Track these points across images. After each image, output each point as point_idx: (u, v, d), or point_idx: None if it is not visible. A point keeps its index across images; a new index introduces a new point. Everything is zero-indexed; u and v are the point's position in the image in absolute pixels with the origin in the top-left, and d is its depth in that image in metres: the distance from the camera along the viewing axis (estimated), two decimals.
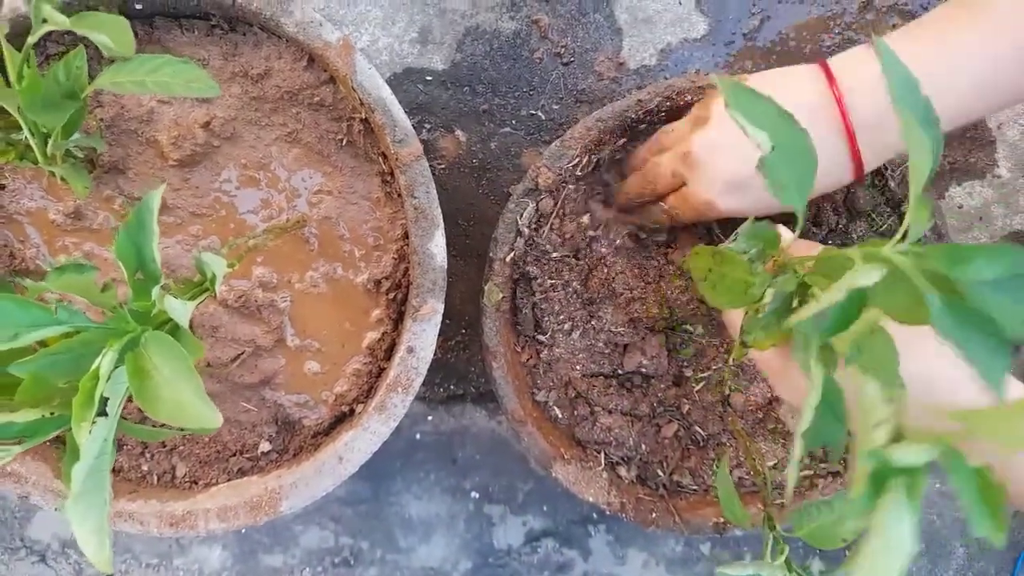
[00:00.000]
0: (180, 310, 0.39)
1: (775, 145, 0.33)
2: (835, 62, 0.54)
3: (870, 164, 0.54)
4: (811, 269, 0.39)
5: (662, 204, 0.62)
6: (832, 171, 0.55)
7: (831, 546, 0.54)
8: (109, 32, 0.37)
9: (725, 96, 0.34)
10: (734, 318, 0.52)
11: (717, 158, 0.55)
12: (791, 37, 0.84)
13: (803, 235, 0.68)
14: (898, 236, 0.32)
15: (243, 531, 0.87)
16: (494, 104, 0.85)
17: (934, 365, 0.42)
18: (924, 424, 0.31)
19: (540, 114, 0.85)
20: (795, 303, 0.40)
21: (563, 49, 0.84)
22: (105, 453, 0.36)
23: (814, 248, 0.47)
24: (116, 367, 0.35)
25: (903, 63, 0.34)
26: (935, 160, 0.33)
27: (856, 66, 0.53)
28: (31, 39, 0.41)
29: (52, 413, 0.36)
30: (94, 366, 0.34)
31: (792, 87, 0.54)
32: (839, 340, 0.34)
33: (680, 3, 0.84)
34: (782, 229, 0.55)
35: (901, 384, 0.33)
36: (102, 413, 0.34)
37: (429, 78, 0.84)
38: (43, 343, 0.38)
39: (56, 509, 0.60)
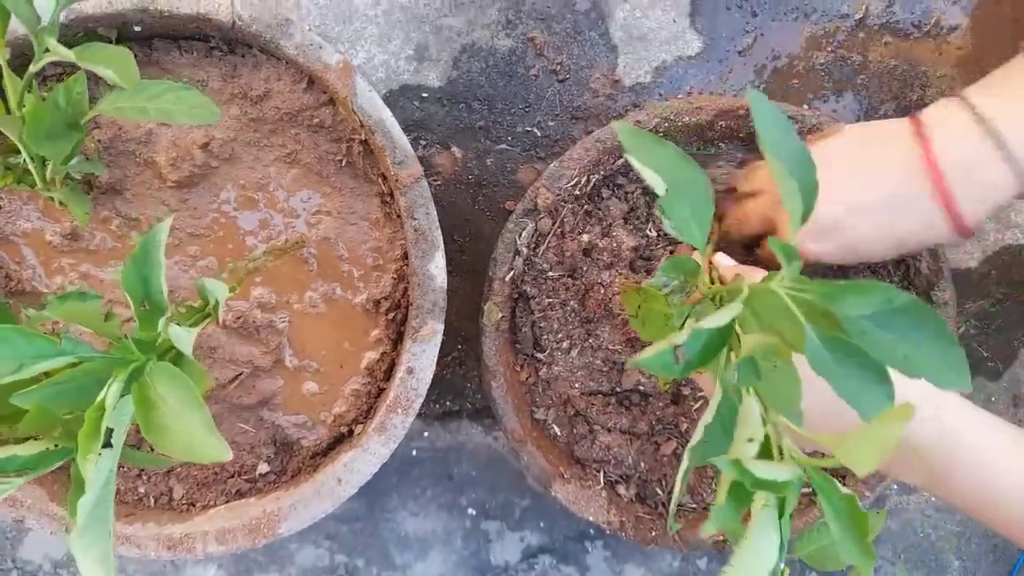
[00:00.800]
0: (184, 338, 0.38)
1: (669, 186, 0.34)
2: (925, 116, 0.54)
3: (971, 218, 0.54)
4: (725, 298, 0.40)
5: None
6: (926, 228, 0.54)
7: (832, 568, 0.55)
8: (114, 66, 0.37)
9: (622, 141, 0.35)
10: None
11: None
12: (784, 55, 0.84)
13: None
14: (779, 277, 0.33)
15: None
16: (490, 121, 0.85)
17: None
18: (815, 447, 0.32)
19: (536, 131, 0.85)
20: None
21: (559, 66, 0.84)
22: (110, 483, 0.36)
23: (759, 274, 0.48)
24: (122, 397, 0.35)
25: (771, 107, 0.34)
26: (807, 205, 0.33)
27: (942, 119, 0.53)
28: (33, 68, 0.41)
29: (56, 445, 0.36)
30: (100, 397, 0.34)
31: (888, 144, 0.55)
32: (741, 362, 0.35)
33: (674, 21, 0.84)
34: (721, 256, 0.56)
35: (799, 413, 0.33)
36: (107, 444, 0.34)
37: (425, 95, 0.85)
38: (46, 372, 0.38)
39: (52, 533, 0.59)
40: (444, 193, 0.85)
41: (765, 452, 0.32)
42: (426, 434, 0.88)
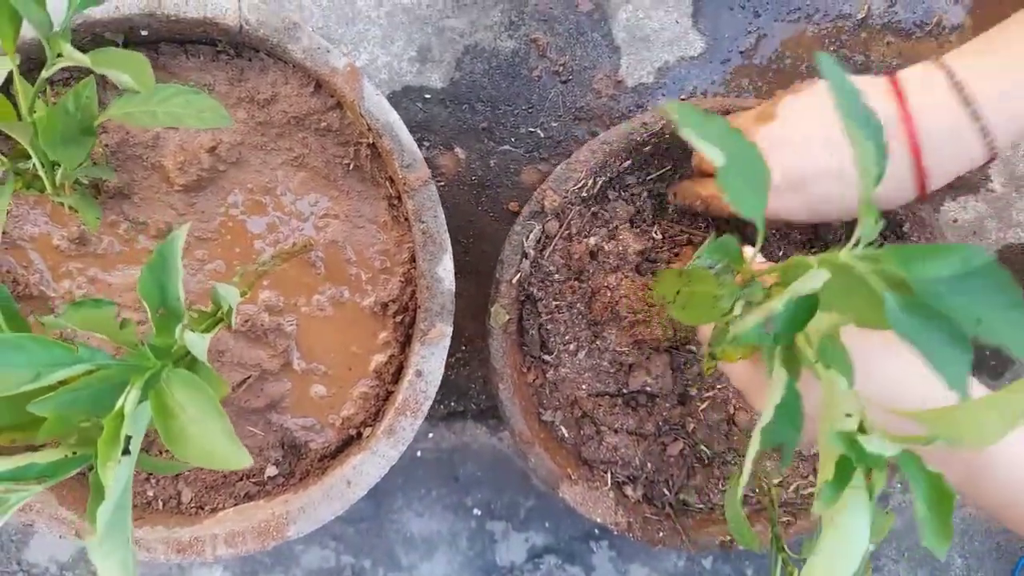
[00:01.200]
0: (199, 344, 0.38)
1: (727, 159, 0.34)
2: (903, 77, 0.54)
3: (934, 183, 0.54)
4: (776, 280, 0.40)
5: (698, 190, 0.62)
6: (897, 186, 0.54)
7: None
8: (130, 71, 0.37)
9: (676, 116, 0.35)
10: (706, 333, 0.53)
11: (779, 153, 0.54)
12: (787, 55, 0.85)
13: (802, 249, 0.69)
14: (852, 241, 0.33)
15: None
16: (493, 122, 0.85)
17: (905, 376, 0.43)
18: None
19: (539, 131, 0.85)
20: None
21: (561, 67, 0.85)
22: (127, 490, 0.36)
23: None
24: (139, 404, 0.35)
25: (845, 75, 0.35)
26: (881, 167, 0.34)
27: (923, 84, 0.53)
28: (45, 73, 0.41)
29: (74, 452, 0.36)
30: (118, 405, 0.34)
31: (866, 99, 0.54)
32: (803, 343, 0.35)
33: (677, 22, 0.85)
34: (745, 247, 0.55)
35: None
36: (125, 451, 0.34)
37: (428, 96, 0.85)
38: (62, 380, 0.38)
39: (61, 537, 0.59)
40: (447, 194, 0.85)
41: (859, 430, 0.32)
42: (431, 435, 0.89)
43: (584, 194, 0.63)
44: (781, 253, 0.67)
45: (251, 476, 0.64)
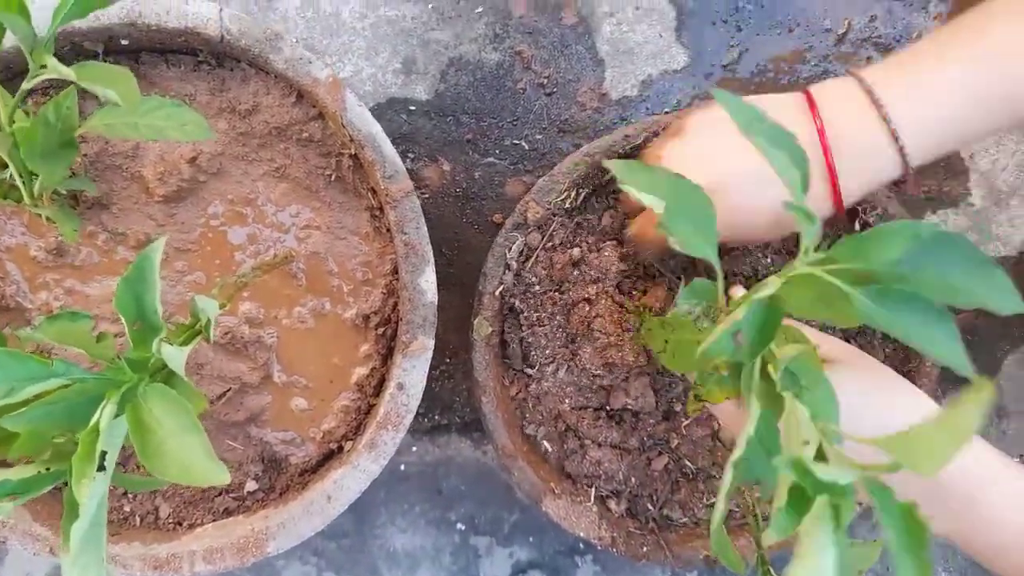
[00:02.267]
0: (177, 357, 0.38)
1: (669, 205, 0.34)
2: (817, 92, 0.53)
3: (850, 196, 0.53)
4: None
5: (627, 232, 0.62)
6: (813, 201, 0.53)
7: None
8: (116, 87, 0.37)
9: (617, 175, 0.35)
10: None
11: (693, 165, 0.52)
12: (769, 68, 0.85)
13: (788, 256, 0.69)
14: (801, 251, 0.33)
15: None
16: (478, 134, 0.85)
17: (893, 414, 0.43)
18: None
19: (524, 144, 0.85)
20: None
21: (546, 80, 0.85)
22: (102, 506, 0.35)
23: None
24: (114, 419, 0.35)
25: (739, 100, 0.35)
26: (804, 172, 0.34)
27: (836, 97, 0.53)
28: (26, 85, 0.40)
29: (48, 469, 0.35)
30: (94, 420, 0.33)
31: (779, 116, 0.54)
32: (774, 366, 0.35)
33: (660, 36, 0.85)
34: (736, 289, 0.55)
35: (835, 419, 0.33)
36: (100, 467, 0.34)
37: (413, 108, 0.84)
38: (36, 395, 0.37)
39: (35, 554, 0.58)
40: (432, 206, 0.85)
41: (817, 458, 0.32)
42: (415, 448, 0.88)
43: (567, 206, 0.63)
44: (768, 261, 0.67)
45: (230, 491, 0.63)
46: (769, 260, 0.67)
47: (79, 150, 0.57)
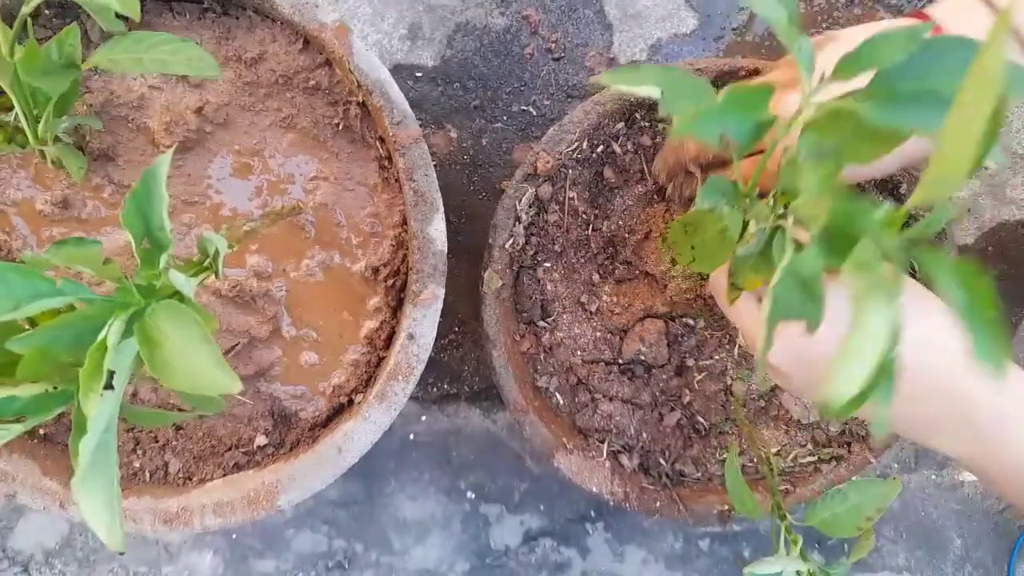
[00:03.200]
0: (185, 283, 0.37)
1: (665, 91, 0.34)
2: (939, 17, 0.50)
3: None
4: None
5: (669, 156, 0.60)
6: None
7: (847, 534, 0.54)
8: None
9: (606, 80, 0.35)
10: (717, 280, 0.51)
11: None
12: None
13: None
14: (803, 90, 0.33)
15: (234, 536, 0.85)
16: (485, 100, 0.84)
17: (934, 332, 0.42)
18: None
19: (531, 110, 0.85)
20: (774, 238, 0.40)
21: (553, 44, 0.84)
22: (111, 429, 0.34)
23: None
24: (122, 340, 0.34)
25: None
26: (791, 7, 0.33)
27: (961, 17, 0.50)
28: (26, 9, 0.40)
29: (55, 388, 0.34)
30: (101, 336, 0.32)
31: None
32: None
33: None
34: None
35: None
36: (108, 386, 0.33)
37: (419, 74, 0.84)
38: (33, 322, 0.37)
39: (44, 508, 0.58)
40: (439, 173, 0.84)
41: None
42: (424, 418, 0.87)
43: (577, 156, 0.62)
44: None
45: (240, 446, 0.62)
46: None
47: (84, 100, 0.56)
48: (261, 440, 0.62)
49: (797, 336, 0.35)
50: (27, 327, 0.36)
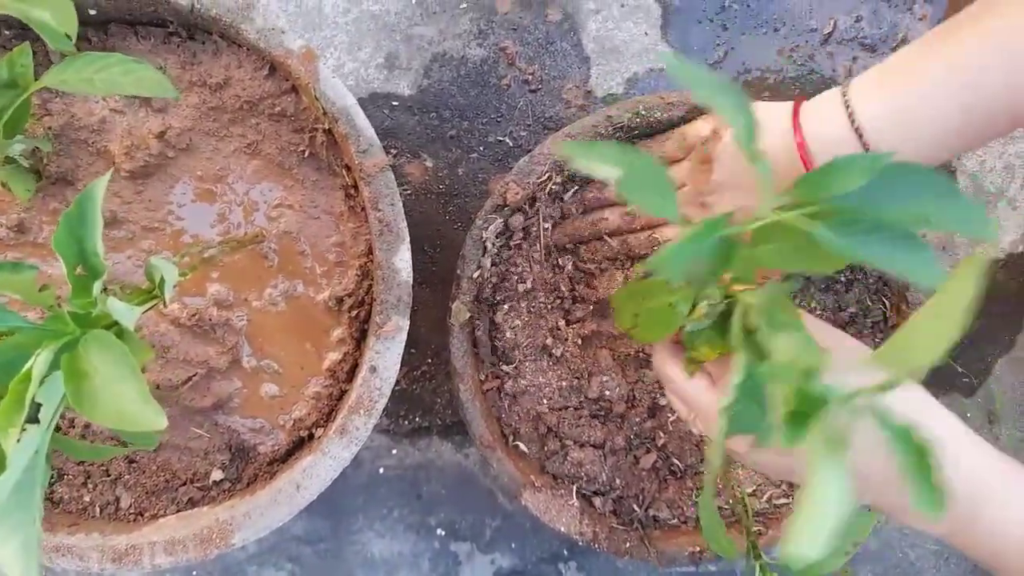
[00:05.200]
0: (125, 313, 0.36)
1: (625, 174, 0.33)
2: (806, 106, 0.52)
3: None
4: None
5: (644, 235, 0.61)
6: None
7: (825, 571, 0.53)
8: (51, 8, 0.35)
9: (566, 152, 0.35)
10: (661, 365, 0.50)
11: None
12: (755, 68, 0.84)
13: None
14: (759, 198, 0.33)
15: (194, 573, 0.82)
16: (461, 130, 0.84)
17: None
18: None
19: (508, 140, 0.84)
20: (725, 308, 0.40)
21: (531, 76, 0.84)
22: (37, 467, 0.33)
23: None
24: (52, 371, 0.33)
25: (690, 67, 0.35)
26: (748, 119, 0.33)
27: (819, 101, 0.52)
28: None
29: None
30: (26, 367, 0.31)
31: (767, 126, 0.53)
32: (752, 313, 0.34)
33: (646, 34, 0.84)
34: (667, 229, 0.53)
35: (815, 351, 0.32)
36: (33, 420, 0.31)
37: (395, 103, 0.83)
38: None
39: None
40: (414, 203, 0.83)
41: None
42: (394, 451, 0.85)
43: (547, 189, 0.61)
44: None
45: (195, 481, 0.60)
46: None
47: (43, 123, 0.55)
48: (217, 475, 0.60)
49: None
50: None
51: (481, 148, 0.84)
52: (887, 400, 0.35)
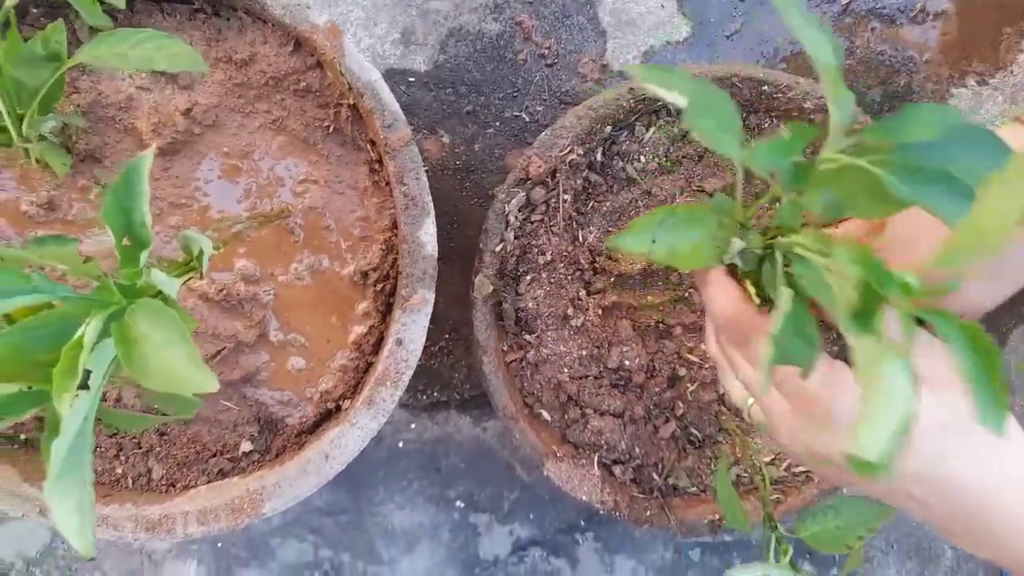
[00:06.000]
0: (168, 283, 0.37)
1: (691, 103, 0.33)
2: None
3: None
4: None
5: None
6: None
7: (835, 550, 0.53)
8: None
9: (638, 73, 0.34)
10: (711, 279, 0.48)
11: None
12: (772, 40, 0.84)
13: None
14: (831, 136, 0.33)
15: (219, 545, 0.84)
16: (478, 105, 0.84)
17: None
18: None
19: (524, 115, 0.84)
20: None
21: (547, 51, 0.84)
22: (87, 431, 0.33)
23: None
24: (100, 339, 0.33)
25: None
26: (838, 56, 0.33)
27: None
28: (9, 2, 0.39)
29: (30, 387, 0.34)
30: (78, 334, 0.32)
31: None
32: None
33: (663, 6, 0.84)
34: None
35: None
36: (84, 386, 0.32)
37: (412, 79, 0.83)
38: (11, 320, 0.36)
39: (23, 516, 0.56)
40: (431, 179, 0.83)
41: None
42: (413, 425, 0.86)
43: (570, 160, 0.62)
44: None
45: (225, 452, 0.61)
46: None
47: (71, 100, 0.55)
48: (246, 446, 0.61)
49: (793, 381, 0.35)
50: (3, 325, 0.35)
51: (497, 123, 0.84)
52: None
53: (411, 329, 0.56)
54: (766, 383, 0.33)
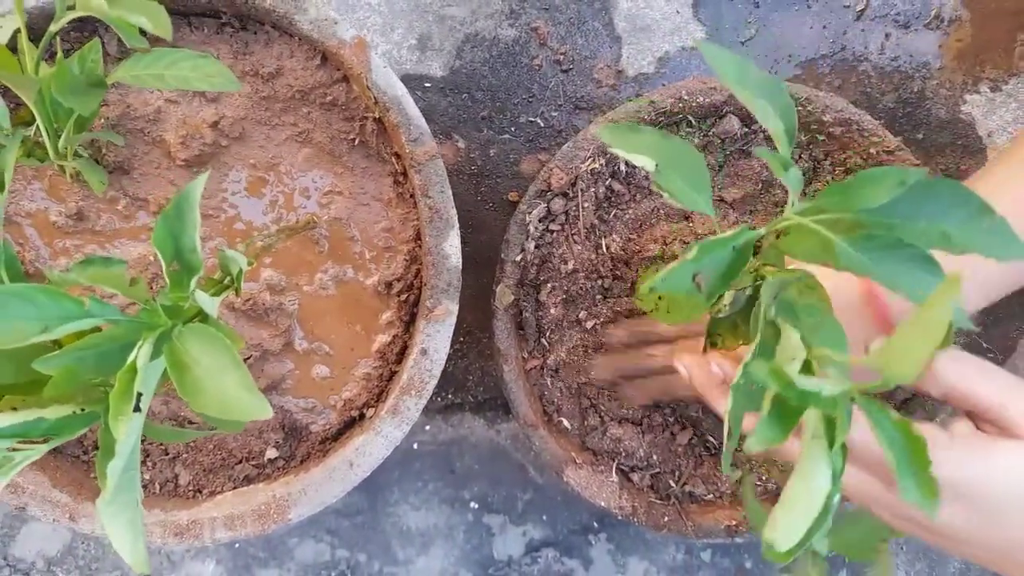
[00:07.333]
0: (209, 303, 0.37)
1: (659, 163, 0.34)
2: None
3: None
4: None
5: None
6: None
7: (863, 558, 0.54)
8: (147, 14, 0.36)
9: (604, 137, 0.35)
10: (698, 372, 0.49)
11: None
12: (787, 46, 0.85)
13: None
14: (789, 201, 0.33)
15: (236, 545, 0.85)
16: (493, 111, 0.84)
17: None
18: None
19: (539, 121, 0.85)
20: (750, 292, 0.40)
21: (562, 56, 0.84)
22: (136, 450, 0.34)
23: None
24: (150, 361, 0.34)
25: (726, 54, 0.34)
26: (789, 122, 0.33)
27: None
28: (54, 27, 0.40)
29: (82, 409, 0.35)
30: (131, 359, 0.33)
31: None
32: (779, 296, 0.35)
33: (678, 12, 0.85)
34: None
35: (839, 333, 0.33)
36: (136, 408, 0.33)
37: (428, 85, 0.84)
38: (58, 342, 0.37)
39: (54, 521, 0.57)
40: None
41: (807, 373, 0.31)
42: (428, 427, 0.87)
43: (591, 172, 0.62)
44: None
45: (250, 459, 0.62)
46: None
47: (100, 113, 0.56)
48: (272, 453, 0.62)
49: None
50: (52, 347, 0.36)
51: (513, 129, 0.85)
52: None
53: (435, 339, 0.57)
54: (733, 439, 0.34)
